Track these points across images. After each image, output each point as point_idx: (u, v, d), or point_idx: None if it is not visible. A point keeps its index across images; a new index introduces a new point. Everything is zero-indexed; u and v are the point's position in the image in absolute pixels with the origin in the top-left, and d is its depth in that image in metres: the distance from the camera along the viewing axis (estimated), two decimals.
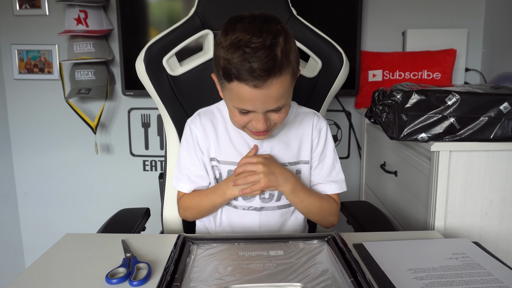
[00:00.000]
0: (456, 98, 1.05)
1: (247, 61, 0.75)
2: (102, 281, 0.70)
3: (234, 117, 0.87)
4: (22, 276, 0.72)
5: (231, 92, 0.82)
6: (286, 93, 0.83)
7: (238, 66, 0.76)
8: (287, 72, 0.80)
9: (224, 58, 0.79)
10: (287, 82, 0.82)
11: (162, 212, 1.16)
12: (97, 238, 0.90)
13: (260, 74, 0.76)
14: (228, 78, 0.80)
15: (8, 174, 2.01)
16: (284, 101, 0.84)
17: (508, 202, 1.10)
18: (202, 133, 0.97)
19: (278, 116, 0.86)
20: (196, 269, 0.71)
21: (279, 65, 0.77)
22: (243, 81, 0.77)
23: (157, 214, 1.21)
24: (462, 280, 0.68)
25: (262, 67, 0.75)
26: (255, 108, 0.82)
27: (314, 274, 0.69)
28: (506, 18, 1.73)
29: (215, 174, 0.99)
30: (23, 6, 1.87)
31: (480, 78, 1.88)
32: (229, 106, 0.88)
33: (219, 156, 0.97)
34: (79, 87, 1.82)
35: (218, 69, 0.83)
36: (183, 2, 1.79)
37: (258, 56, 0.75)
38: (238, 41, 0.77)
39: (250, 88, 0.78)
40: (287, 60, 0.79)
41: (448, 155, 1.07)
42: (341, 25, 1.77)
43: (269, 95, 0.80)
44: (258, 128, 0.85)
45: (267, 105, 0.82)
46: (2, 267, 1.97)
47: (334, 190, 1.00)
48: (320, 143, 1.00)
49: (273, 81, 0.78)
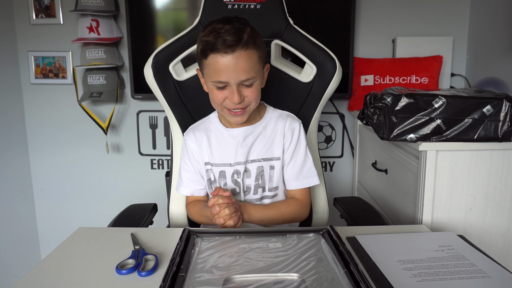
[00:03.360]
0: (442, 101, 1.05)
1: (220, 37, 0.87)
2: (113, 272, 0.70)
3: (213, 95, 0.94)
4: (38, 267, 0.72)
5: (208, 67, 0.90)
6: (254, 68, 0.91)
7: (213, 41, 0.87)
8: (253, 50, 0.90)
9: (202, 41, 0.90)
10: (254, 58, 0.90)
11: (168, 208, 1.16)
12: (108, 231, 0.90)
13: (230, 43, 0.86)
14: (205, 54, 0.89)
15: (25, 172, 2.01)
16: (253, 74, 0.91)
17: (490, 198, 1.10)
18: (196, 144, 1.04)
19: (250, 92, 0.92)
20: (200, 260, 0.71)
21: (245, 41, 0.88)
22: (216, 50, 0.87)
23: (164, 209, 1.21)
24: (448, 271, 0.68)
25: (232, 38, 0.86)
26: (229, 78, 0.89)
27: (310, 265, 0.69)
28: (489, 27, 1.73)
29: (210, 177, 1.04)
30: (39, 16, 1.87)
31: (465, 82, 1.88)
32: (208, 86, 0.94)
33: (212, 160, 1.03)
34: (91, 91, 1.82)
35: (198, 56, 0.93)
36: (188, 12, 1.79)
37: (229, 32, 0.87)
38: (213, 28, 0.89)
39: (222, 57, 0.87)
40: (253, 42, 0.90)
41: (435, 155, 1.07)
42: (335, 33, 1.77)
43: (238, 64, 0.88)
44: (233, 100, 0.90)
45: (238, 74, 0.89)
46: (20, 258, 1.97)
47: (304, 185, 1.03)
48: (293, 142, 1.02)
49: (241, 52, 0.87)
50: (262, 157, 1.01)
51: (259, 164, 1.01)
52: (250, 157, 1.01)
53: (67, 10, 1.85)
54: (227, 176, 1.02)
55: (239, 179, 1.01)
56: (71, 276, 0.69)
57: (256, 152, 1.01)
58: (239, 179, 1.01)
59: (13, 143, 1.93)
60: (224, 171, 1.02)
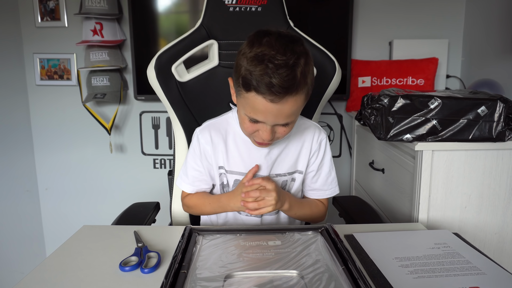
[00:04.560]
0: (438, 102, 1.05)
1: (268, 75, 0.73)
2: (116, 269, 0.70)
3: (244, 124, 0.85)
4: (43, 264, 0.72)
5: (247, 101, 0.79)
6: (297, 112, 0.82)
7: (259, 79, 0.74)
8: (302, 92, 0.78)
9: (246, 69, 0.76)
10: (301, 102, 0.80)
11: (170, 206, 1.16)
12: (111, 229, 0.90)
13: (278, 91, 0.73)
14: (247, 87, 0.77)
15: (30, 171, 2.01)
16: (293, 118, 0.82)
17: (485, 196, 1.10)
18: (211, 145, 0.95)
19: (283, 130, 0.84)
20: (202, 257, 0.71)
21: (296, 85, 0.75)
22: (260, 93, 0.75)
23: (166, 208, 1.21)
24: (443, 268, 0.68)
25: (282, 84, 0.73)
26: (266, 120, 0.80)
27: (309, 262, 0.69)
28: (483, 30, 1.73)
29: (223, 180, 0.98)
30: (45, 19, 1.87)
31: (460, 84, 1.88)
32: (240, 112, 0.85)
33: (227, 166, 0.95)
34: (95, 92, 1.82)
35: (238, 77, 0.80)
36: (190, 14, 1.79)
37: (280, 73, 0.73)
38: (263, 55, 0.74)
39: (265, 102, 0.76)
40: (305, 81, 0.77)
41: (431, 154, 1.07)
42: (333, 36, 1.77)
43: (282, 110, 0.78)
44: (263, 138, 0.83)
45: (278, 119, 0.80)
46: (25, 255, 1.97)
47: (328, 195, 1.02)
48: (320, 154, 0.99)
49: (289, 99, 0.76)
50: (288, 172, 0.96)
51: (284, 179, 0.97)
52: (276, 171, 0.95)
53: (71, 13, 1.85)
54: None
55: None
56: (75, 273, 0.69)
57: (281, 166, 0.95)
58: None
59: (19, 143, 1.93)
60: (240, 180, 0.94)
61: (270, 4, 1.15)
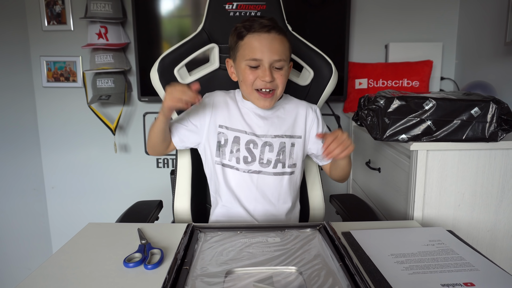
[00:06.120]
0: (432, 103, 1.05)
1: (257, 21, 0.93)
2: (120, 265, 0.70)
3: (245, 75, 0.95)
4: (50, 260, 0.72)
5: (244, 47, 0.94)
6: (286, 53, 0.95)
7: (250, 24, 0.93)
8: (285, 38, 0.95)
9: (238, 27, 0.95)
10: (286, 45, 0.95)
11: (173, 204, 1.16)
12: (116, 227, 0.90)
13: (266, 24, 0.92)
14: (241, 35, 0.94)
15: (37, 170, 2.01)
16: (285, 57, 0.94)
17: (478, 195, 1.10)
18: (213, 104, 1.02)
19: (279, 74, 0.95)
20: (203, 254, 0.71)
21: (279, 27, 0.94)
22: (253, 30, 0.92)
23: (169, 206, 1.21)
24: (438, 264, 0.68)
25: (268, 22, 0.93)
26: (262, 56, 0.92)
27: (307, 258, 0.69)
28: (476, 33, 1.73)
29: (220, 139, 1.00)
30: (51, 23, 1.87)
31: (454, 86, 1.88)
32: (241, 67, 0.96)
33: (229, 124, 1.01)
34: (100, 93, 1.82)
35: (233, 42, 0.97)
36: (192, 19, 1.79)
37: (264, 19, 0.93)
38: (249, 20, 0.94)
39: (259, 36, 0.92)
40: (284, 32, 0.95)
41: (426, 154, 1.07)
42: (331, 39, 1.77)
43: (273, 44, 0.92)
44: (265, 78, 0.93)
45: (272, 54, 0.92)
46: (33, 252, 1.97)
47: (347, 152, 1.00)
48: (320, 121, 1.08)
49: (276, 35, 0.93)
50: (285, 134, 1.02)
51: (282, 140, 1.01)
52: (274, 132, 1.01)
53: (77, 17, 1.85)
54: (241, 143, 0.99)
55: (255, 150, 0.99)
56: (81, 269, 0.69)
57: (279, 128, 1.01)
58: (255, 150, 0.99)
59: (27, 143, 1.93)
60: (239, 137, 0.99)
61: (269, 9, 1.15)
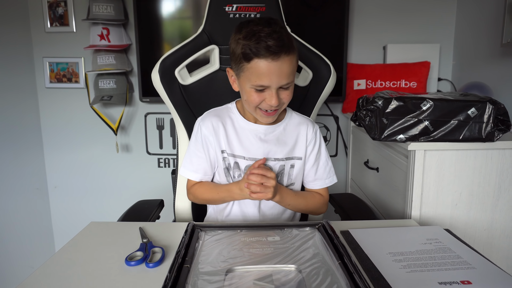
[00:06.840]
0: (430, 104, 1.05)
1: (263, 41, 0.81)
2: (122, 263, 0.70)
3: (250, 97, 0.89)
4: (52, 259, 0.72)
5: (250, 70, 0.85)
6: (294, 72, 0.88)
7: (257, 46, 0.82)
8: (293, 53, 0.86)
9: (243, 44, 0.84)
10: (294, 62, 0.87)
11: (174, 203, 1.16)
12: (117, 226, 0.90)
13: (275, 50, 0.81)
14: (248, 58, 0.84)
15: (40, 170, 2.01)
16: (292, 78, 0.88)
17: (475, 194, 1.10)
18: (212, 131, 0.97)
19: (286, 94, 0.89)
20: (204, 252, 0.71)
21: (287, 45, 0.83)
22: (261, 56, 0.82)
23: (170, 205, 1.21)
24: (435, 262, 0.68)
25: (276, 44, 0.81)
26: (271, 83, 0.85)
27: (307, 257, 0.69)
28: (473, 35, 1.73)
29: (226, 164, 0.98)
30: (54, 24, 1.87)
31: (451, 86, 1.88)
32: (246, 88, 0.89)
33: (228, 150, 0.97)
34: (102, 94, 1.82)
35: (237, 57, 0.87)
36: (193, 20, 1.79)
37: (272, 37, 0.82)
38: (253, 31, 0.83)
39: (267, 63, 0.83)
40: (292, 45, 0.86)
41: (423, 154, 1.07)
42: (329, 41, 1.77)
43: (282, 69, 0.84)
44: (272, 103, 0.87)
45: (280, 79, 0.85)
46: (35, 251, 1.97)
47: (327, 184, 1.03)
48: (317, 144, 1.01)
49: (285, 57, 0.83)
50: (285, 157, 0.97)
51: (282, 163, 0.97)
52: (274, 156, 0.97)
53: (79, 19, 1.85)
54: (241, 168, 0.96)
55: None
56: (83, 267, 0.69)
57: (279, 151, 0.97)
58: None
59: (30, 143, 1.93)
60: (238, 163, 0.96)
61: (268, 10, 1.15)
